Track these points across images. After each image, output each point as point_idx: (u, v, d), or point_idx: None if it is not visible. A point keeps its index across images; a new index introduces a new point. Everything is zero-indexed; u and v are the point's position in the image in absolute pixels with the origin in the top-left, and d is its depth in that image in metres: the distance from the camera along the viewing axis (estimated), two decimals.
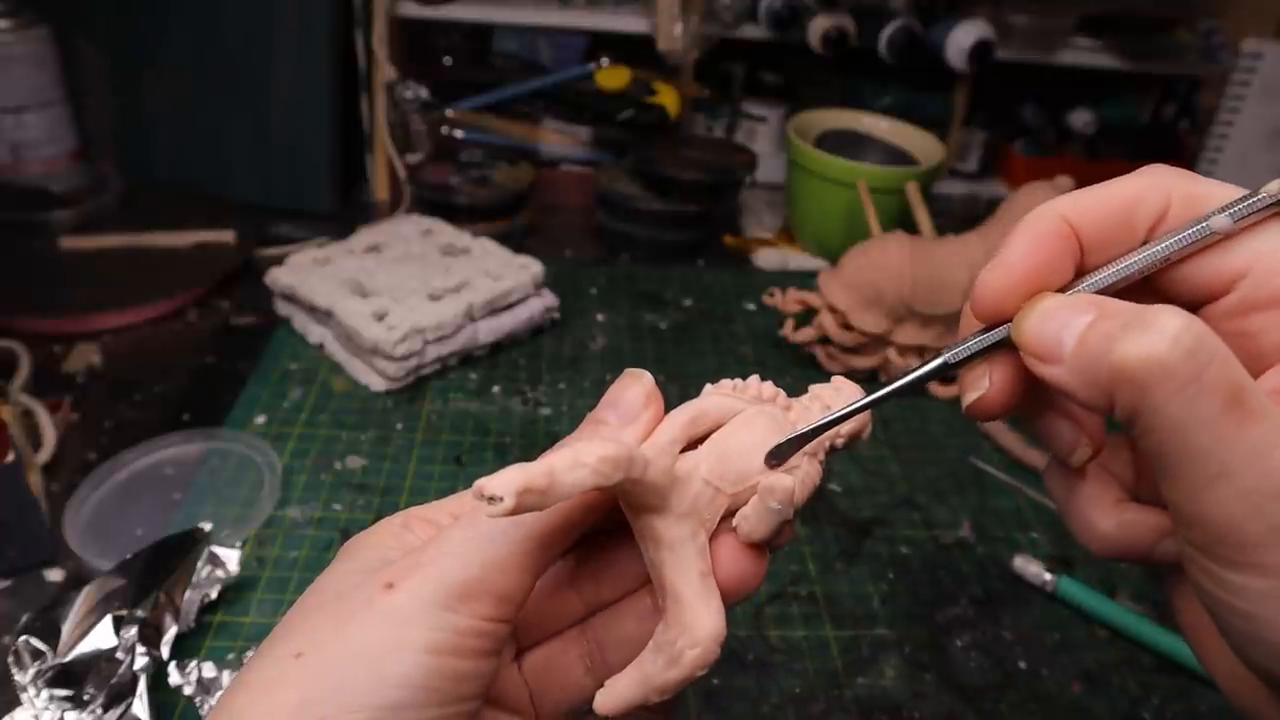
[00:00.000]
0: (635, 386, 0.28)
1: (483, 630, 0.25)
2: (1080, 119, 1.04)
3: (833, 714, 0.44)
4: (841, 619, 0.49)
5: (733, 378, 0.29)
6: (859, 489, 0.59)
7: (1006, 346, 0.25)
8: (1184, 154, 1.06)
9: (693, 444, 0.27)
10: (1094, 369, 0.22)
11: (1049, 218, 0.25)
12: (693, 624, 0.25)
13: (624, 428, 0.27)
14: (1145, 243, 0.25)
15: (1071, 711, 0.46)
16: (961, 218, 0.95)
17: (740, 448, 0.26)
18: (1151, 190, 0.25)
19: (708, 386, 0.28)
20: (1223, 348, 0.21)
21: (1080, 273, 0.25)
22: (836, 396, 0.28)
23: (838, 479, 0.60)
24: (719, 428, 0.27)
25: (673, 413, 0.27)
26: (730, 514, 0.26)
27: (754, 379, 0.28)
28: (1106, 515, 0.26)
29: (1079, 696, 0.47)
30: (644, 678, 0.26)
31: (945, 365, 0.26)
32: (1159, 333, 0.21)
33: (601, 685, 0.27)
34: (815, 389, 0.29)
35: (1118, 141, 1.06)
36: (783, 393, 0.28)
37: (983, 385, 0.26)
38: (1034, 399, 0.26)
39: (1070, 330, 0.23)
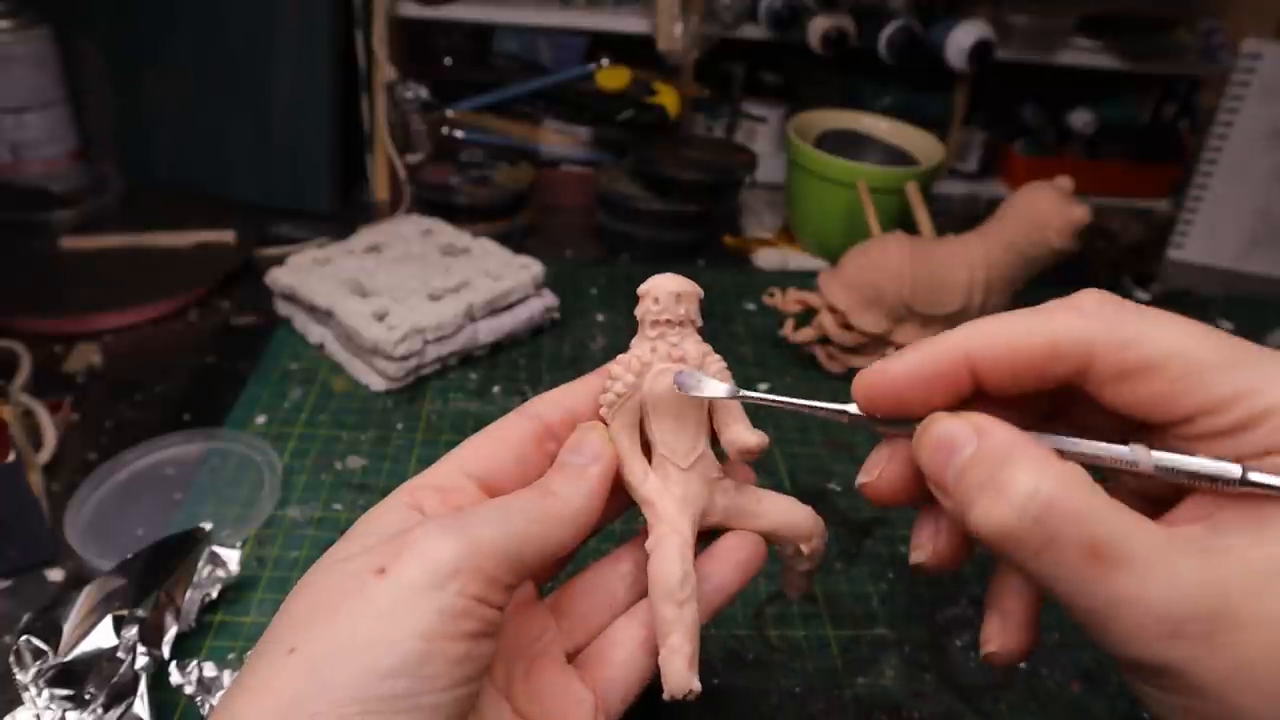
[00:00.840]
0: (592, 435, 0.32)
1: (473, 611, 0.25)
2: (1080, 119, 1.04)
3: (832, 714, 0.44)
4: (841, 619, 0.50)
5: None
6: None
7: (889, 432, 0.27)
8: (1184, 154, 1.06)
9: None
10: (971, 513, 0.24)
11: (946, 353, 0.25)
12: (796, 528, 0.34)
13: (588, 468, 0.31)
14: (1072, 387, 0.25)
15: (1071, 711, 0.46)
16: (961, 218, 0.95)
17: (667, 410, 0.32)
18: (1070, 344, 0.24)
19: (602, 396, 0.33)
20: (1080, 501, 0.22)
21: (984, 394, 0.26)
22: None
23: (838, 479, 0.60)
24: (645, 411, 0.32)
25: (623, 454, 0.32)
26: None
27: (622, 358, 0.33)
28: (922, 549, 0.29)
29: (1079, 696, 0.47)
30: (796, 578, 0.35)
31: (846, 413, 0.28)
32: (1008, 501, 0.22)
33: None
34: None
35: (1118, 141, 1.06)
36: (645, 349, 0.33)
37: (872, 472, 0.28)
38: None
39: (955, 462, 0.24)
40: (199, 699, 0.42)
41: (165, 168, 0.89)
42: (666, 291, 0.32)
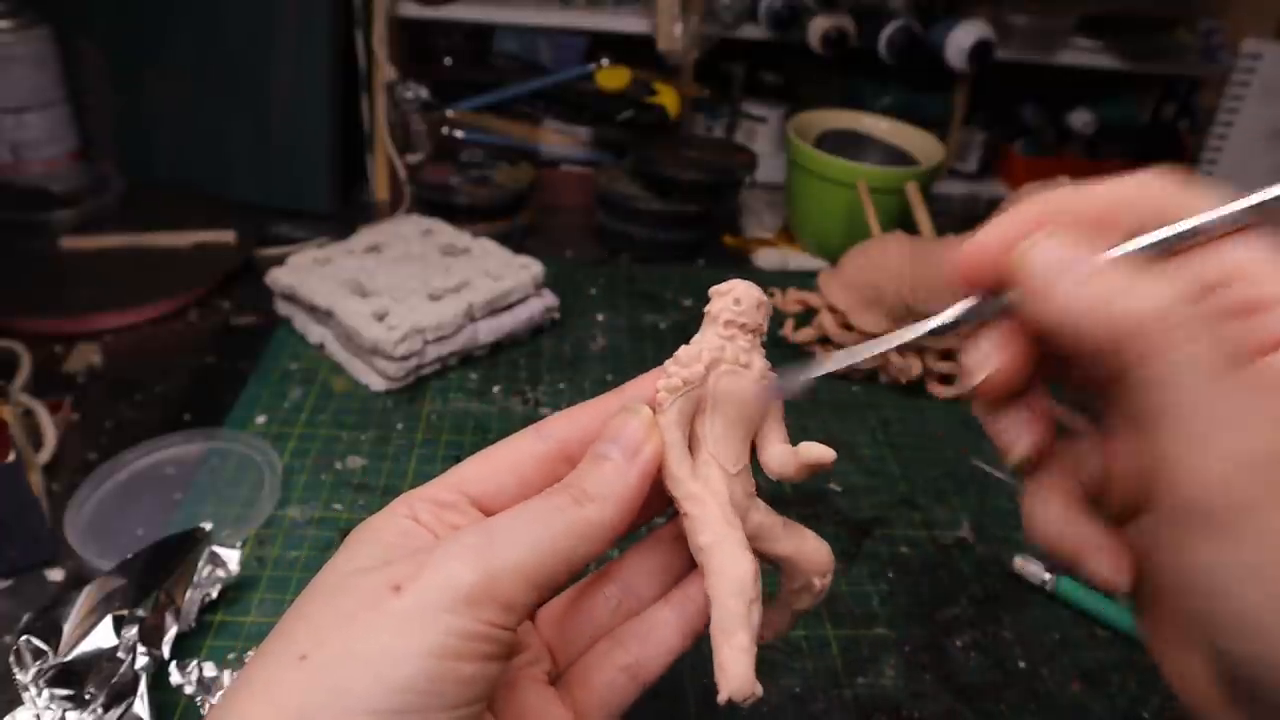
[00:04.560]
0: (634, 420, 0.28)
1: (488, 635, 0.25)
2: (1080, 119, 1.04)
3: (832, 714, 0.44)
4: (841, 619, 0.50)
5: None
6: (859, 489, 0.59)
7: (993, 318, 0.26)
8: (1184, 154, 1.06)
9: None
10: (1099, 311, 0.22)
11: (1036, 205, 0.25)
12: (813, 557, 0.32)
13: (629, 464, 0.27)
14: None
15: (1071, 711, 0.46)
16: (961, 218, 0.95)
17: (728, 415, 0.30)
18: (1141, 200, 0.24)
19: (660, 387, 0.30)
20: (1236, 309, 0.21)
21: None
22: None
23: (838, 478, 0.60)
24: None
25: (668, 438, 0.29)
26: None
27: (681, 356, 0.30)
28: (1050, 520, 0.26)
29: (1079, 696, 0.47)
30: (781, 618, 0.33)
31: (931, 332, 0.27)
32: (1169, 285, 0.21)
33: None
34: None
35: (1117, 141, 1.06)
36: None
37: (990, 363, 0.25)
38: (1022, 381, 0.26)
39: (1076, 269, 0.22)
40: (199, 699, 0.42)
41: (165, 168, 0.89)
42: (751, 297, 0.30)
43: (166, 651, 0.42)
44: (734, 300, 0.30)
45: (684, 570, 0.32)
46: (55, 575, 0.49)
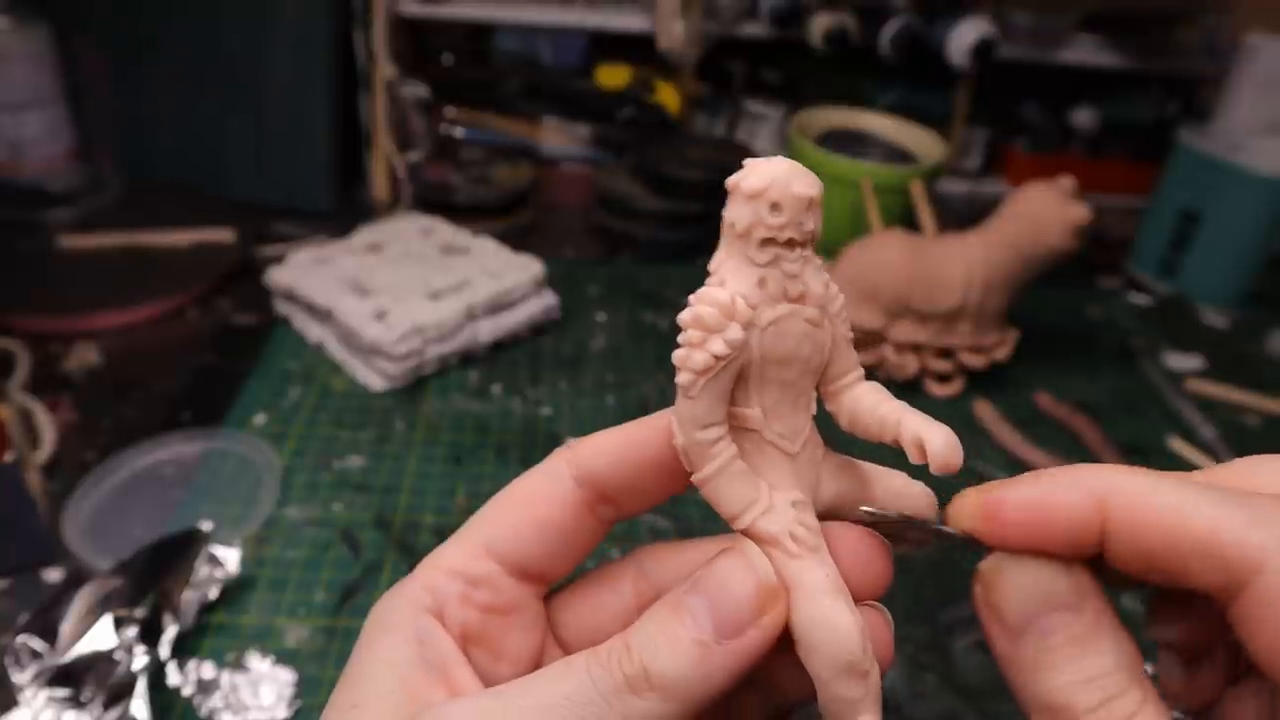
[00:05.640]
0: (746, 576, 0.20)
1: None
2: (1082, 117, 1.03)
3: None
4: None
5: None
6: None
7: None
8: None
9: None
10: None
11: (1071, 493, 0.20)
12: (912, 505, 0.24)
13: (720, 647, 0.20)
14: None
15: None
16: (963, 216, 0.95)
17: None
18: (1239, 559, 0.18)
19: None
20: None
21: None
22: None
23: None
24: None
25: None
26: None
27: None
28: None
29: None
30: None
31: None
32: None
33: None
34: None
35: (1120, 140, 1.06)
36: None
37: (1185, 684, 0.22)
38: None
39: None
40: (197, 699, 0.42)
41: (164, 166, 0.89)
42: (794, 195, 0.21)
43: (165, 652, 0.42)
44: (770, 206, 0.21)
45: None
46: (53, 575, 0.48)
